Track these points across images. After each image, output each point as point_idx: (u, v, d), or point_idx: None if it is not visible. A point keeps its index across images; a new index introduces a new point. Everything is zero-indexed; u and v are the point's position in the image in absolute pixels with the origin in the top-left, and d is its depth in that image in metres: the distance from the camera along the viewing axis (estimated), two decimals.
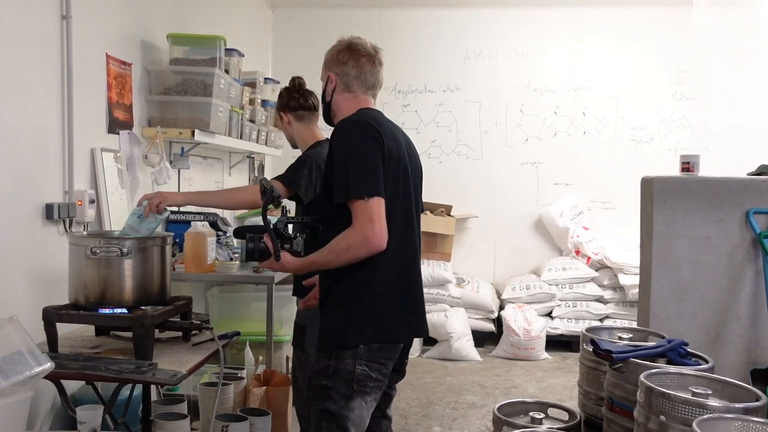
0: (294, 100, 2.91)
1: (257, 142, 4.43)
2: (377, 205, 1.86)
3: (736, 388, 1.87)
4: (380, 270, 1.94)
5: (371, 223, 1.84)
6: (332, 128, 2.06)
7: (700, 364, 2.15)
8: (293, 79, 2.99)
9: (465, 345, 5.04)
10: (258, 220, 3.76)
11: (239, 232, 2.16)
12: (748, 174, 3.06)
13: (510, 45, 5.90)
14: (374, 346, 1.94)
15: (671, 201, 2.90)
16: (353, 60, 2.08)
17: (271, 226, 2.01)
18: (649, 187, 2.94)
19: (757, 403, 1.74)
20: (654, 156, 5.70)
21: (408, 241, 2.02)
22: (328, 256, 1.91)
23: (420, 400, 4.19)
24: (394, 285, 1.98)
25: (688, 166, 2.98)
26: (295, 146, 3.00)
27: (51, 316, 2.17)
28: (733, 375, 2.39)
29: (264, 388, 3.20)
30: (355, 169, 1.88)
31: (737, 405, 1.74)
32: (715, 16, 4.28)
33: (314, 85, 6.23)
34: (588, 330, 2.60)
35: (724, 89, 5.19)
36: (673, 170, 3.06)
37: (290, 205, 2.64)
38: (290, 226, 2.10)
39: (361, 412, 1.94)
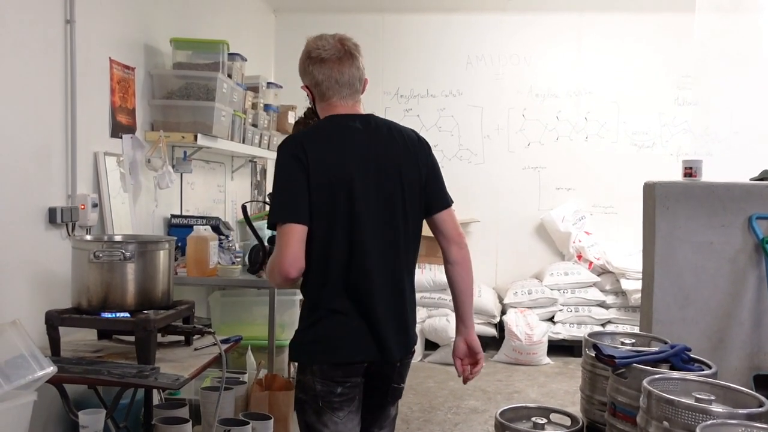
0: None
1: (259, 146, 4.43)
2: (287, 232, 1.80)
3: (739, 394, 1.87)
4: (326, 291, 1.87)
5: (279, 249, 1.81)
6: None
7: (703, 370, 2.14)
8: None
9: None
10: (260, 225, 3.78)
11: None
12: (750, 179, 3.05)
13: (512, 50, 5.91)
14: (325, 366, 1.87)
15: (674, 206, 2.90)
16: (316, 68, 1.93)
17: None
18: (652, 192, 2.94)
19: (760, 409, 1.73)
20: (656, 161, 5.70)
21: (360, 258, 1.85)
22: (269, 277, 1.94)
23: (422, 404, 4.18)
24: (343, 307, 1.86)
25: (690, 171, 2.98)
26: None
27: (53, 320, 2.17)
28: (736, 381, 2.38)
29: (266, 392, 3.20)
30: (276, 194, 1.86)
31: (740, 411, 1.73)
32: (717, 21, 4.28)
33: None
34: (590, 335, 2.60)
35: (726, 94, 5.18)
36: (676, 175, 3.06)
37: None
38: None
39: (337, 428, 1.87)
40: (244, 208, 2.37)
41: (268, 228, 1.89)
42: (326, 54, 1.92)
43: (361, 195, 1.86)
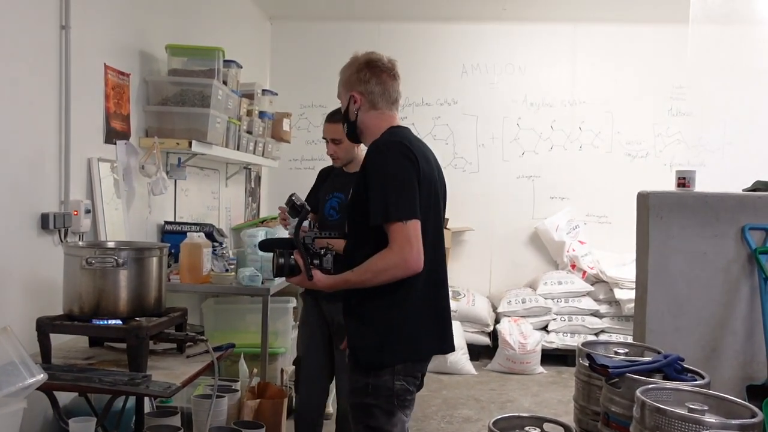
0: None
1: (254, 153, 4.43)
2: (414, 228, 1.89)
3: (732, 405, 1.86)
4: (414, 290, 1.96)
5: (409, 245, 1.87)
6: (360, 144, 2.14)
7: (696, 380, 2.14)
8: None
9: (460, 358, 5.02)
10: (253, 232, 3.77)
11: (266, 246, 2.17)
12: (743, 190, 3.07)
13: (507, 59, 5.93)
14: (409, 364, 1.98)
15: (667, 216, 2.90)
16: (375, 77, 2.09)
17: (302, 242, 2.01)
18: (645, 201, 2.95)
19: (753, 420, 1.73)
20: (650, 171, 5.73)
21: (439, 261, 2.05)
22: (365, 275, 1.93)
23: (415, 413, 4.14)
24: (427, 304, 2.01)
25: (683, 181, 2.99)
26: (343, 165, 2.99)
27: (45, 327, 2.16)
28: (728, 391, 2.38)
29: (258, 400, 3.18)
30: (393, 192, 1.90)
31: (733, 421, 1.73)
32: (711, 33, 4.31)
33: (315, 96, 6.22)
34: (584, 344, 2.59)
35: (719, 105, 5.22)
36: (669, 185, 3.07)
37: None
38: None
39: (403, 427, 1.99)
40: (303, 206, 2.09)
41: (374, 223, 1.91)
42: (383, 67, 2.11)
43: (438, 201, 2.08)
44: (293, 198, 2.05)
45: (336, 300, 2.77)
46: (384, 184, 1.92)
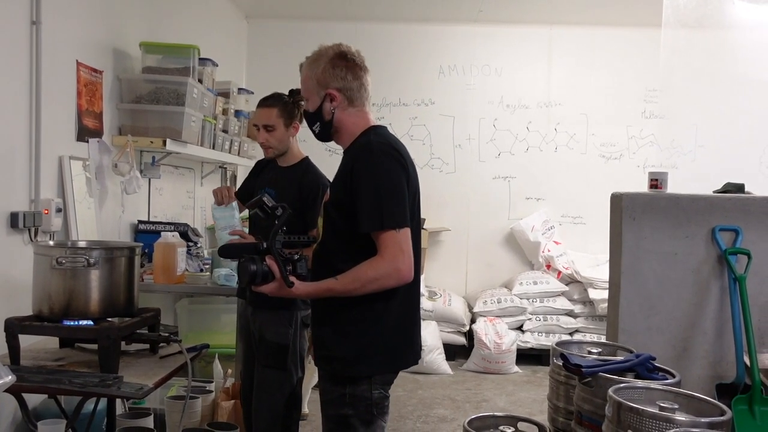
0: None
1: (230, 152, 4.40)
2: (406, 236, 1.82)
3: (702, 403, 1.89)
4: (395, 300, 1.89)
5: (402, 254, 1.80)
6: (321, 143, 2.04)
7: (667, 379, 2.17)
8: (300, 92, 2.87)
9: (436, 358, 5.04)
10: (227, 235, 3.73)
11: (229, 251, 2.00)
12: (714, 192, 3.12)
13: (483, 60, 5.97)
14: (387, 373, 1.95)
15: (640, 217, 2.94)
16: (351, 72, 1.94)
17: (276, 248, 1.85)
18: (619, 203, 2.99)
19: (721, 418, 1.76)
20: (623, 172, 5.81)
21: (417, 269, 1.95)
22: (352, 285, 1.82)
23: (391, 413, 4.14)
24: (405, 315, 1.96)
25: (656, 183, 3.03)
26: (277, 156, 2.82)
27: (13, 328, 2.12)
28: (699, 389, 2.42)
29: (233, 401, 3.16)
30: (387, 199, 1.82)
31: (703, 420, 1.76)
32: (683, 37, 4.38)
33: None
34: (558, 344, 2.62)
35: (691, 108, 5.29)
36: (642, 187, 3.11)
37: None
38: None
39: None
40: (275, 209, 1.96)
41: (365, 231, 1.82)
42: (359, 61, 1.97)
43: (418, 207, 2.00)
44: (264, 200, 1.94)
45: (264, 309, 2.67)
46: (377, 190, 1.82)
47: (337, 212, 1.91)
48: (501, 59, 5.96)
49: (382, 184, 1.83)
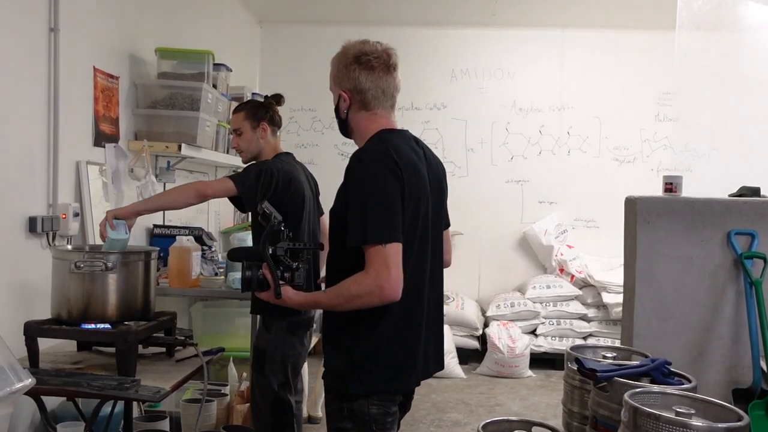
0: (276, 115, 2.93)
1: None
2: (395, 252, 1.68)
3: (718, 408, 1.88)
4: (389, 317, 1.77)
5: (387, 271, 1.66)
6: (332, 147, 1.98)
7: (682, 384, 2.16)
8: (280, 96, 2.97)
9: (449, 362, 5.03)
10: (243, 236, 3.76)
11: (235, 255, 1.99)
12: (729, 195, 3.10)
13: (496, 64, 5.97)
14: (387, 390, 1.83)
15: (654, 221, 2.93)
16: (365, 73, 1.85)
17: (270, 255, 1.82)
18: (633, 206, 2.97)
19: (739, 423, 1.75)
20: (637, 176, 5.78)
21: (419, 288, 1.84)
22: (336, 299, 1.73)
23: (404, 418, 4.16)
24: (403, 333, 1.81)
25: (671, 186, 3.01)
26: (251, 159, 2.90)
27: (32, 331, 2.14)
28: (715, 394, 2.40)
29: (247, 404, 3.17)
30: (374, 211, 1.69)
31: (720, 425, 1.75)
32: (697, 39, 4.36)
33: (305, 97, 6.18)
34: (572, 348, 2.61)
35: (706, 111, 5.26)
36: (656, 190, 3.09)
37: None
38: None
39: None
40: (265, 210, 1.93)
41: (351, 245, 1.71)
42: (376, 62, 1.87)
43: (428, 219, 1.85)
44: (264, 207, 1.89)
45: (255, 313, 2.76)
46: (363, 202, 1.70)
47: (336, 222, 1.83)
48: (513, 63, 5.96)
49: (368, 194, 1.71)
